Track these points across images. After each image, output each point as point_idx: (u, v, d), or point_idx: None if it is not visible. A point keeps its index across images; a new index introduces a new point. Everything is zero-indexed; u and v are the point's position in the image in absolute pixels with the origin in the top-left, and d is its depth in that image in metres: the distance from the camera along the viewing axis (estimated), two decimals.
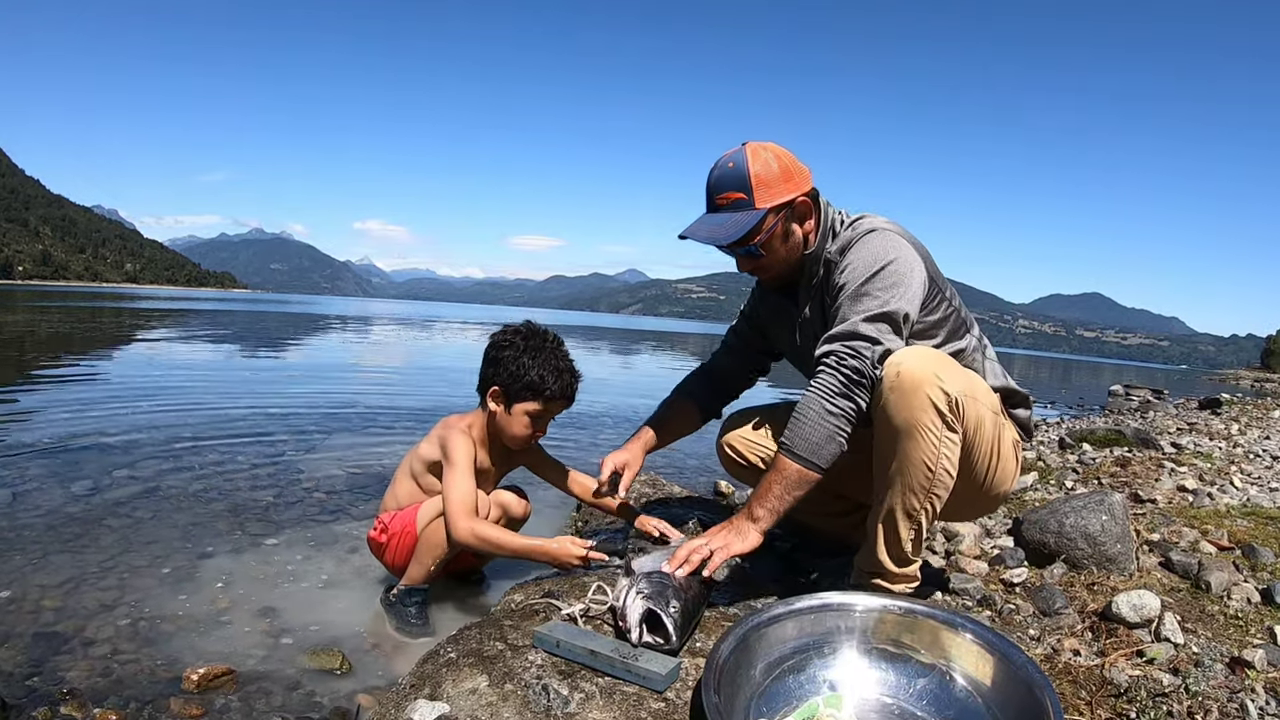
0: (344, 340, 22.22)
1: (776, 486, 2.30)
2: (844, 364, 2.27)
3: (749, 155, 2.47)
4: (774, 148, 2.53)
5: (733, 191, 2.47)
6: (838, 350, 2.30)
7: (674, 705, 1.77)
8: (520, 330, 2.90)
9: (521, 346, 2.82)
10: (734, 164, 2.48)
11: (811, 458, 2.26)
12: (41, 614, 2.69)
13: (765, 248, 2.53)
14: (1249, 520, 3.77)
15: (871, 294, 2.34)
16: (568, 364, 2.88)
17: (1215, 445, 7.48)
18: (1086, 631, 2.52)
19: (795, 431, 2.29)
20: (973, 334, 2.66)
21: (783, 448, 2.31)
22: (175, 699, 2.21)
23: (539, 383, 2.79)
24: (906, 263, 2.40)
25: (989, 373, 2.63)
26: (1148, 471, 5.19)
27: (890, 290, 2.35)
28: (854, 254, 2.45)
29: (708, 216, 2.54)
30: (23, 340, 14.69)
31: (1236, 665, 2.25)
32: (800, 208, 2.53)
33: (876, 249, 2.42)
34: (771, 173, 2.46)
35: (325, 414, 7.31)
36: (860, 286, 2.36)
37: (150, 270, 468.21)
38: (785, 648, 1.88)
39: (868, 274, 2.37)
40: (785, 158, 2.51)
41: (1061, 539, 3.05)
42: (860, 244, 2.47)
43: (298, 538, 3.60)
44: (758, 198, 2.44)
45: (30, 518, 3.62)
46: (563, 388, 2.84)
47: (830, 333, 2.36)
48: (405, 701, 1.79)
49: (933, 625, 1.88)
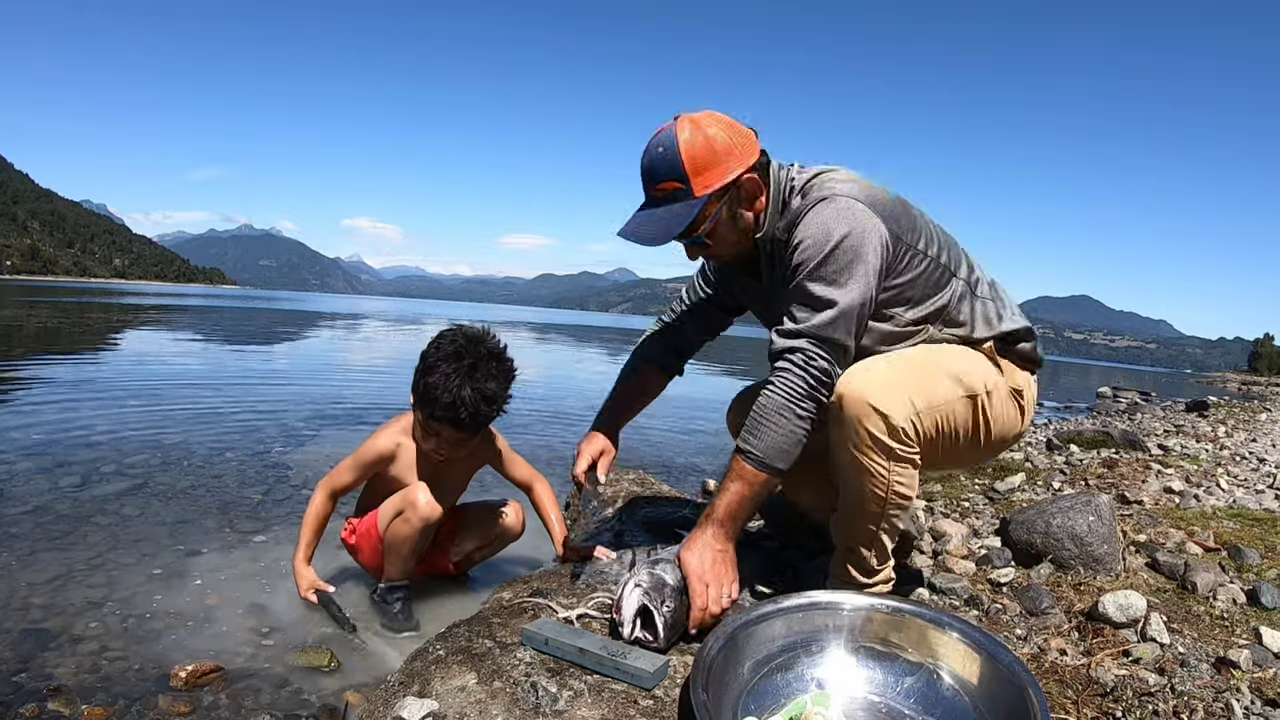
0: (333, 337, 22.17)
1: (748, 497, 2.23)
2: (811, 365, 2.16)
3: (680, 136, 2.21)
4: (708, 120, 2.26)
5: (668, 181, 2.22)
6: (804, 349, 2.17)
7: (662, 703, 1.77)
8: (454, 334, 2.71)
9: (434, 351, 2.66)
10: (664, 147, 2.22)
11: (779, 464, 2.19)
12: (29, 611, 2.68)
13: (711, 236, 2.33)
14: (1235, 522, 3.78)
15: (829, 279, 2.17)
16: (464, 388, 2.59)
17: (1202, 447, 7.52)
18: (1073, 631, 2.53)
19: (763, 438, 2.18)
20: (959, 278, 2.44)
21: (749, 457, 2.19)
22: (163, 696, 2.21)
23: (425, 394, 2.62)
24: (860, 232, 2.18)
25: (979, 319, 2.45)
26: (1135, 473, 5.21)
27: (846, 272, 2.17)
28: (803, 230, 2.22)
29: (644, 213, 2.31)
30: (10, 336, 14.62)
31: (1222, 665, 2.27)
32: (747, 186, 2.29)
33: (826, 223, 2.19)
34: (708, 153, 2.20)
35: (314, 411, 7.30)
36: (815, 270, 2.17)
37: (139, 266, 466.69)
38: (773, 646, 1.89)
39: (819, 256, 2.17)
40: (722, 131, 2.25)
41: (1048, 539, 3.06)
42: (809, 218, 2.23)
43: (286, 535, 3.59)
44: (695, 185, 2.21)
45: (18, 514, 3.61)
46: (446, 410, 2.60)
47: (793, 327, 2.20)
48: (394, 699, 1.79)
49: (920, 624, 1.88)
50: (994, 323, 2.46)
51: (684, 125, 2.22)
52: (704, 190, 2.21)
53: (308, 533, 2.85)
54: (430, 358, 2.64)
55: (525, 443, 6.21)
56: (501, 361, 2.71)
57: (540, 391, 10.12)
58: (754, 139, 2.33)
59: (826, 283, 2.17)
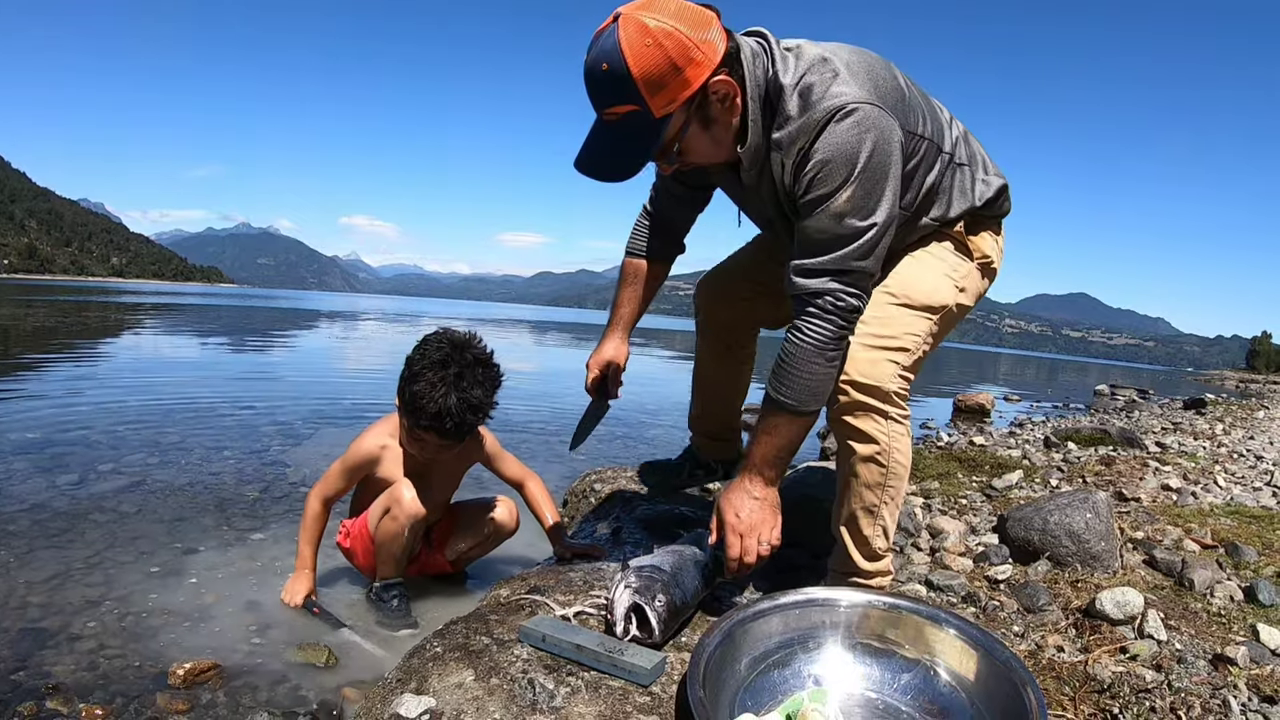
0: (331, 335, 22.17)
1: (785, 444, 2.15)
2: (841, 305, 2.02)
3: (625, 43, 1.83)
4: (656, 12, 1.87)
5: (620, 104, 1.91)
6: (832, 290, 2.01)
7: (659, 699, 1.77)
8: (439, 340, 2.64)
9: (418, 358, 2.61)
10: (608, 65, 1.85)
11: (811, 406, 2.10)
12: (27, 609, 2.68)
13: (684, 149, 2.06)
14: (1232, 519, 3.79)
15: (857, 208, 1.97)
16: (450, 396, 2.54)
17: (1200, 445, 7.52)
18: (1070, 628, 2.53)
19: (796, 387, 2.07)
20: (945, 152, 2.30)
21: (782, 405, 2.09)
22: (161, 694, 2.21)
23: (409, 401, 2.58)
24: (885, 143, 1.99)
25: (955, 193, 2.36)
26: (1132, 470, 5.21)
27: (875, 194, 1.98)
28: (823, 147, 1.98)
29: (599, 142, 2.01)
30: (8, 335, 14.62)
31: (1219, 662, 2.27)
32: (717, 91, 1.97)
33: (849, 143, 1.96)
34: (663, 64, 1.84)
35: (311, 409, 7.29)
36: (843, 199, 1.97)
37: (136, 265, 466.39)
38: (770, 642, 1.89)
39: (848, 179, 1.96)
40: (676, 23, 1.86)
41: (1046, 536, 3.07)
42: (830, 134, 1.97)
43: (284, 533, 3.59)
44: (654, 105, 1.89)
45: (15, 512, 3.61)
46: (431, 419, 2.56)
47: (819, 262, 2.02)
48: (391, 695, 1.79)
49: (917, 621, 1.88)
50: (968, 193, 2.37)
51: (628, 28, 1.84)
52: (665, 110, 1.91)
53: (305, 544, 2.82)
54: (415, 365, 2.59)
55: (524, 440, 6.21)
56: (488, 368, 2.66)
57: (539, 389, 10.10)
58: (715, 23, 1.97)
59: (854, 211, 1.98)
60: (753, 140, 2.09)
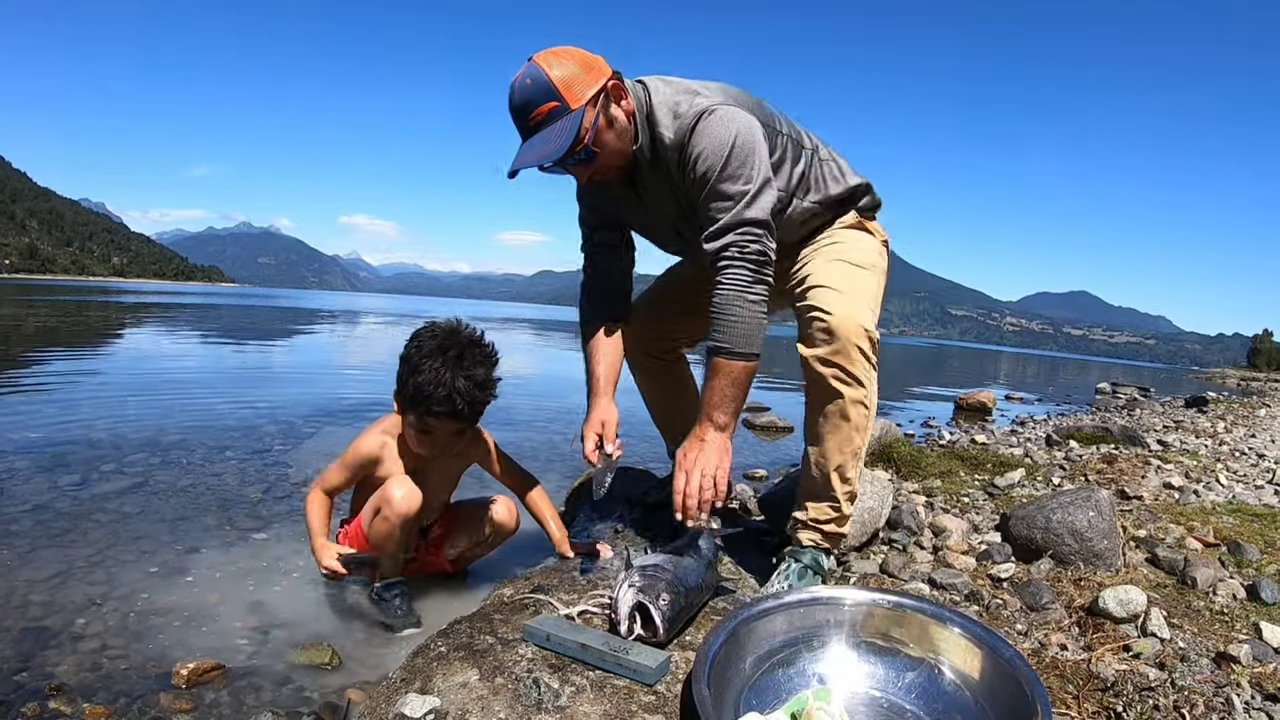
0: (332, 335, 22.17)
1: (730, 389, 2.43)
2: (746, 251, 2.39)
3: (543, 65, 2.36)
4: (560, 49, 2.43)
5: (544, 104, 2.35)
6: (735, 240, 2.40)
7: (664, 698, 1.77)
8: (431, 330, 2.70)
9: (414, 349, 2.65)
10: (531, 80, 2.36)
11: (751, 349, 2.41)
12: (29, 609, 2.68)
13: (597, 144, 2.45)
14: (1234, 517, 3.79)
15: (735, 176, 2.41)
16: (458, 378, 2.57)
17: (1201, 443, 7.52)
18: (1073, 626, 2.54)
19: (728, 331, 2.40)
20: (807, 148, 2.76)
21: (720, 351, 2.41)
22: (165, 694, 2.20)
23: (415, 393, 2.59)
24: (746, 129, 2.45)
25: (829, 178, 2.79)
26: (1134, 469, 5.21)
27: (747, 164, 2.41)
28: (697, 143, 2.44)
29: (529, 141, 2.41)
30: (9, 335, 14.61)
31: (1222, 660, 2.27)
32: (614, 91, 2.46)
33: (716, 132, 2.42)
34: (572, 70, 2.36)
35: (313, 409, 7.28)
36: (722, 173, 2.40)
37: (137, 264, 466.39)
38: (774, 641, 1.89)
39: (722, 159, 2.40)
40: (575, 52, 2.42)
41: (1049, 535, 3.07)
42: (699, 131, 2.44)
43: (286, 532, 3.59)
44: (570, 98, 2.34)
45: (17, 512, 3.61)
46: (442, 404, 2.57)
47: (718, 225, 2.42)
48: (396, 695, 1.79)
49: (921, 619, 1.88)
50: (840, 178, 2.81)
51: (543, 58, 2.36)
52: (579, 101, 2.35)
53: (315, 521, 2.79)
54: (414, 357, 2.62)
55: (527, 439, 6.18)
56: (483, 347, 2.70)
57: (542, 388, 10.05)
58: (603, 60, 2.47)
59: (734, 178, 2.40)
60: (643, 141, 2.55)
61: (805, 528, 2.67)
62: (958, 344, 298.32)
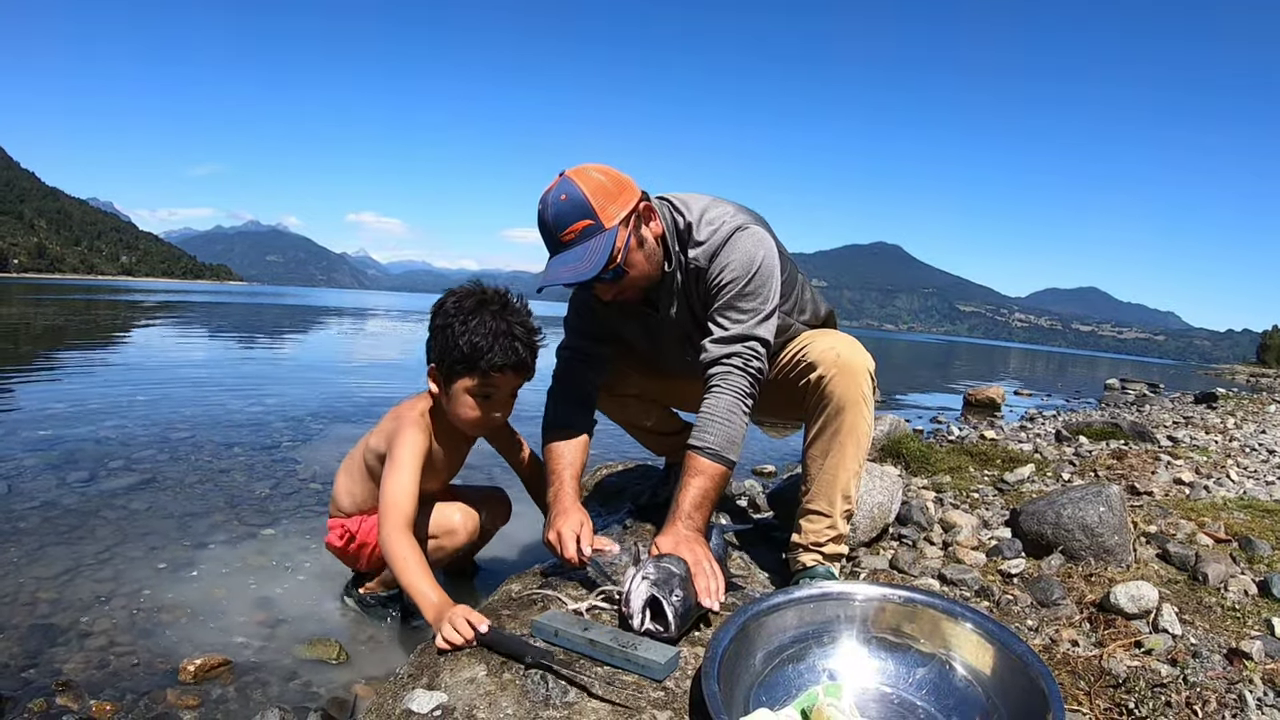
0: (340, 332, 22.22)
1: (711, 491, 2.42)
2: (750, 365, 2.45)
3: (577, 182, 2.35)
4: (593, 166, 2.43)
5: (578, 222, 2.32)
6: (741, 352, 2.45)
7: (673, 694, 1.76)
8: (458, 292, 2.54)
9: (453, 311, 2.45)
10: (566, 195, 2.33)
11: (732, 456, 2.43)
12: (37, 606, 2.69)
13: (628, 263, 2.43)
14: (1245, 513, 3.77)
15: (755, 294, 2.48)
16: (513, 325, 2.46)
17: (1211, 439, 7.50)
18: (1084, 622, 2.53)
19: (717, 433, 2.40)
20: (801, 277, 2.86)
21: (706, 452, 2.40)
22: (172, 690, 2.21)
23: (471, 352, 2.41)
24: (771, 254, 2.53)
25: (812, 303, 2.91)
26: (1144, 464, 5.19)
27: (767, 286, 2.50)
28: (727, 256, 2.50)
29: (561, 256, 2.36)
30: (18, 333, 14.67)
31: (1234, 656, 2.26)
32: (645, 212, 2.47)
33: (748, 249, 2.50)
34: (607, 188, 2.36)
35: (321, 405, 7.31)
36: (744, 288, 2.48)
37: (146, 263, 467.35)
38: (785, 637, 1.88)
39: (747, 275, 2.48)
40: (608, 171, 2.43)
41: (1059, 530, 3.06)
42: (730, 246, 2.50)
43: (294, 529, 3.60)
44: (604, 217, 2.32)
45: (26, 509, 3.63)
46: (505, 353, 2.43)
47: (729, 333, 2.47)
48: (403, 691, 1.78)
49: (933, 614, 1.87)
50: (819, 305, 2.95)
51: (575, 175, 2.37)
52: (613, 221, 2.34)
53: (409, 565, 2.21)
54: (455, 323, 2.43)
55: (534, 436, 6.17)
56: (512, 298, 2.58)
57: None
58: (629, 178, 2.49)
59: (753, 296, 2.48)
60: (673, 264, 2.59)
61: (806, 550, 2.67)
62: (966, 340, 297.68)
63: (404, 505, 2.33)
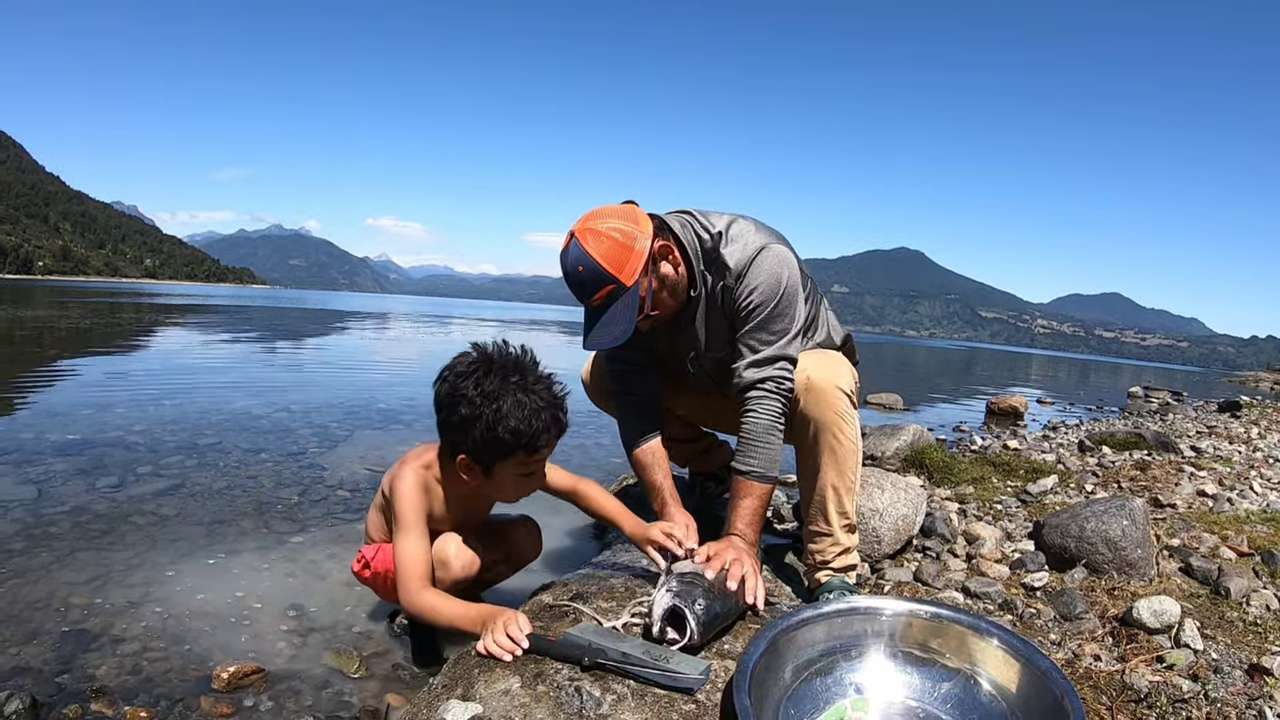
0: (363, 337, 22.27)
1: (760, 509, 2.62)
2: (782, 387, 2.61)
3: (588, 248, 2.41)
4: (597, 220, 2.47)
5: (602, 289, 2.44)
6: (774, 375, 2.60)
7: (705, 707, 1.78)
8: (465, 372, 2.35)
9: (477, 399, 2.29)
10: (583, 267, 2.42)
11: (775, 474, 2.61)
12: (70, 611, 2.72)
13: (655, 305, 2.58)
14: (1269, 526, 3.76)
15: (783, 314, 2.62)
16: (543, 393, 2.35)
17: (1235, 449, 7.45)
18: (1107, 637, 2.54)
19: (760, 456, 2.59)
20: (818, 294, 2.94)
21: (753, 475, 2.59)
22: (205, 697, 2.24)
23: (515, 440, 2.30)
24: (795, 274, 2.65)
25: (830, 324, 2.98)
26: (1167, 476, 5.18)
27: (794, 305, 2.64)
28: (753, 277, 2.60)
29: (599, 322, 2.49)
30: (43, 336, 14.76)
31: (1255, 672, 2.26)
32: (659, 252, 2.55)
33: (773, 270, 2.60)
34: (619, 248, 2.42)
35: (346, 411, 7.34)
36: (774, 310, 2.60)
37: (169, 266, 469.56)
38: (813, 650, 1.90)
39: (775, 297, 2.60)
40: (615, 222, 2.47)
41: (1082, 543, 3.06)
42: (756, 266, 2.60)
43: (322, 536, 3.64)
44: (624, 277, 2.43)
45: (56, 514, 3.67)
46: (549, 429, 2.36)
47: (761, 355, 2.62)
48: (438, 702, 1.81)
49: (959, 630, 1.89)
50: (836, 327, 3.00)
51: (585, 238, 2.44)
52: (633, 279, 2.45)
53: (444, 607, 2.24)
54: (486, 412, 2.29)
55: (561, 445, 6.17)
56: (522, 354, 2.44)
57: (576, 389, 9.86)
58: (639, 212, 2.58)
59: (782, 316, 2.62)
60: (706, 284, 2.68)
61: (817, 569, 2.74)
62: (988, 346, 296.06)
63: (417, 569, 2.30)
